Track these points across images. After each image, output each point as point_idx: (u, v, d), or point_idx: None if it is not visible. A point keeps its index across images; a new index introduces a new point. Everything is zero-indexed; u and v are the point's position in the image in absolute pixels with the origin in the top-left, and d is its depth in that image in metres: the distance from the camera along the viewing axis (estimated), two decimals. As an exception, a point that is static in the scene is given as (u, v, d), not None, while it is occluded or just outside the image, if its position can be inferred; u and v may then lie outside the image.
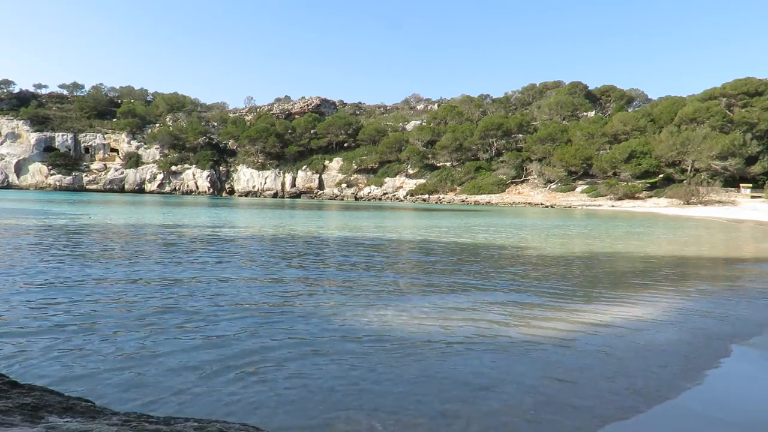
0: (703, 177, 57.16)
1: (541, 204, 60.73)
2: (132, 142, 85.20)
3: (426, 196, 71.41)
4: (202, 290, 6.90)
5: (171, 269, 8.58)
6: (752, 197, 52.80)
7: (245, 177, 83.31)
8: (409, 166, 76.91)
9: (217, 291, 6.88)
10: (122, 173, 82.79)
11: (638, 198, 57.93)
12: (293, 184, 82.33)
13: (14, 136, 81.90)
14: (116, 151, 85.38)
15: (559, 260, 11.37)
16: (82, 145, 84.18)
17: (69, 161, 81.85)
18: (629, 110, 77.37)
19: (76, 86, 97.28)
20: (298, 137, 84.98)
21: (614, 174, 62.25)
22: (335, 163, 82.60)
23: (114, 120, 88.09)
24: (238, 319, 5.47)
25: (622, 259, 12.14)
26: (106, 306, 5.88)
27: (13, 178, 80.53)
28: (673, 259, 12.11)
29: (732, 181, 57.38)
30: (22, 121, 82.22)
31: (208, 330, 5.01)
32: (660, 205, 53.14)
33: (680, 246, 15.64)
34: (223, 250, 11.68)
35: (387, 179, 77.36)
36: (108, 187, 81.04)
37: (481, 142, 74.90)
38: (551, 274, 9.22)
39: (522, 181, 70.18)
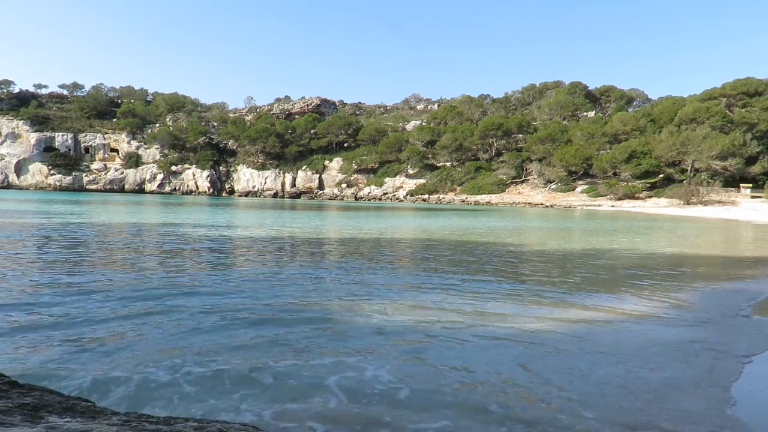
0: (703, 177, 57.16)
1: (541, 204, 60.72)
2: (132, 142, 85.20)
3: (426, 196, 71.43)
4: (202, 288, 6.91)
5: (173, 267, 8.58)
6: (752, 197, 52.83)
7: (245, 177, 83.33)
8: (409, 166, 76.91)
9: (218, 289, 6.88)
10: (122, 173, 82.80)
11: (638, 198, 57.94)
12: (293, 184, 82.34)
13: (14, 136, 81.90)
14: (116, 151, 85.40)
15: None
16: (82, 145, 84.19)
17: (69, 161, 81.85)
18: (629, 110, 77.38)
19: (76, 86, 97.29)
20: (298, 137, 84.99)
21: (614, 174, 62.26)
22: (335, 163, 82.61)
23: (114, 120, 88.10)
24: (240, 318, 5.47)
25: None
26: (105, 305, 5.88)
27: (13, 178, 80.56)
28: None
29: (732, 181, 57.39)
30: (22, 121, 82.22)
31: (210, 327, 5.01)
32: (660, 205, 53.14)
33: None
34: (223, 249, 11.69)
35: (387, 179, 77.37)
36: (108, 187, 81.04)
37: (481, 142, 74.90)
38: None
39: (522, 181, 70.19)
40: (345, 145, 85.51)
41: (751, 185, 55.81)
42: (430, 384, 3.79)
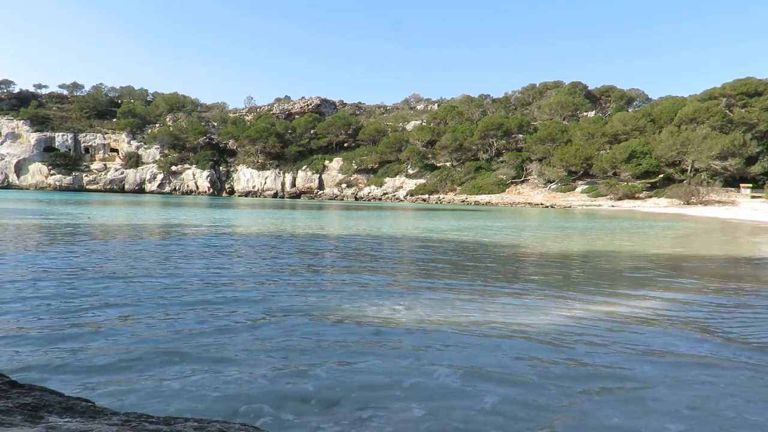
0: (703, 177, 57.14)
1: (541, 204, 60.69)
2: (132, 142, 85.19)
3: (426, 196, 71.41)
4: (204, 288, 6.91)
5: (173, 267, 8.58)
6: (752, 197, 52.81)
7: (245, 177, 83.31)
8: (409, 166, 76.90)
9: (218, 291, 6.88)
10: (122, 173, 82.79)
11: (638, 198, 57.92)
12: (293, 184, 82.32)
13: (14, 136, 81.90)
14: (116, 151, 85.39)
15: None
16: (82, 145, 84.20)
17: (69, 161, 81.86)
18: (629, 110, 77.32)
19: (76, 86, 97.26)
20: (298, 137, 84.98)
21: (614, 174, 62.23)
22: (335, 163, 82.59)
23: (114, 120, 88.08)
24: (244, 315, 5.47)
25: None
26: (105, 306, 5.88)
27: (13, 178, 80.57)
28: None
29: (732, 181, 57.37)
30: (22, 121, 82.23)
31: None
32: (660, 205, 53.13)
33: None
34: (226, 249, 11.68)
35: (387, 179, 77.35)
36: (108, 187, 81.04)
37: (481, 142, 74.88)
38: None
39: (522, 181, 70.17)
40: (345, 145, 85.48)
41: (751, 185, 55.78)
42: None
